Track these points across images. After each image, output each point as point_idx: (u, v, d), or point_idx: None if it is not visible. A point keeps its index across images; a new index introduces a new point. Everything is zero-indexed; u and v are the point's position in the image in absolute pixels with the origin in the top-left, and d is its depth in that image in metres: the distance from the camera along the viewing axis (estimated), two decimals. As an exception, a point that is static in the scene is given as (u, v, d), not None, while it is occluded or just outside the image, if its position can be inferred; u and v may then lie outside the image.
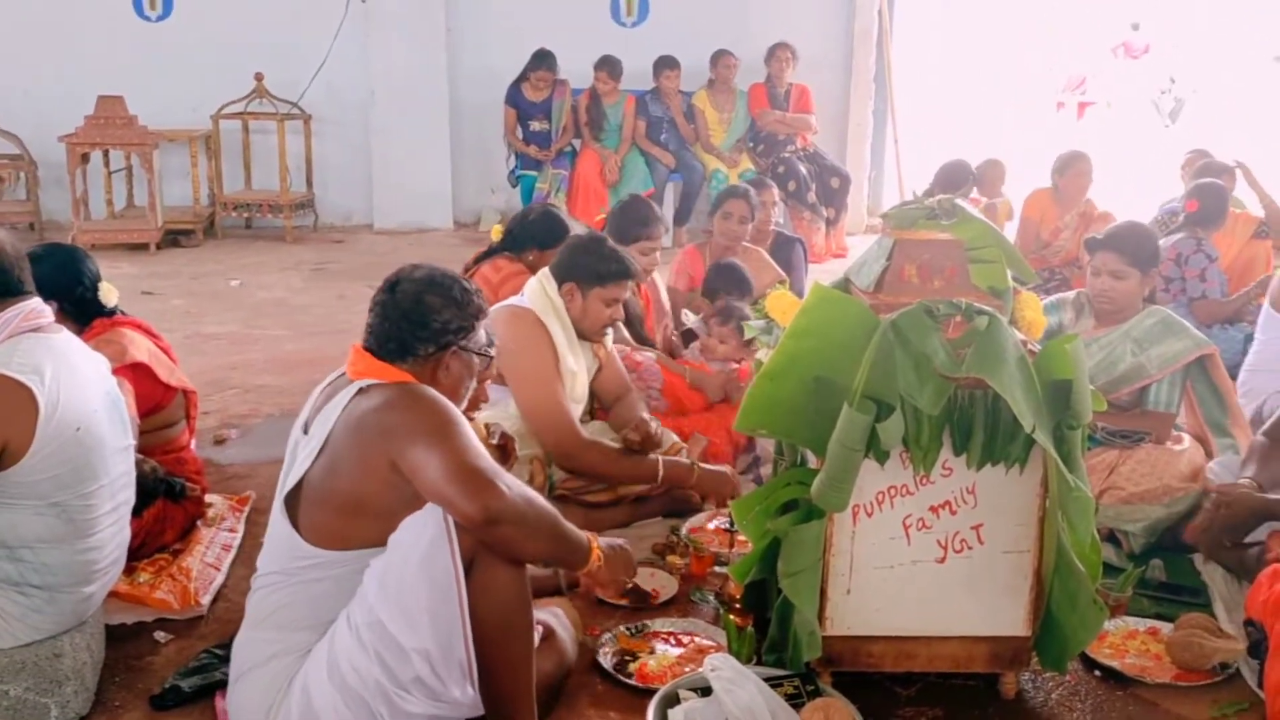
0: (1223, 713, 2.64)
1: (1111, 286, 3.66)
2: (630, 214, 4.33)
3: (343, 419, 2.20)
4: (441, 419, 2.15)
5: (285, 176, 8.32)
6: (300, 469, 2.23)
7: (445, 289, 2.35)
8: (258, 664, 2.23)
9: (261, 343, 5.72)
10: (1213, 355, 3.68)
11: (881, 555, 2.57)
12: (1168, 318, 3.68)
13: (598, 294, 3.46)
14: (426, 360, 2.32)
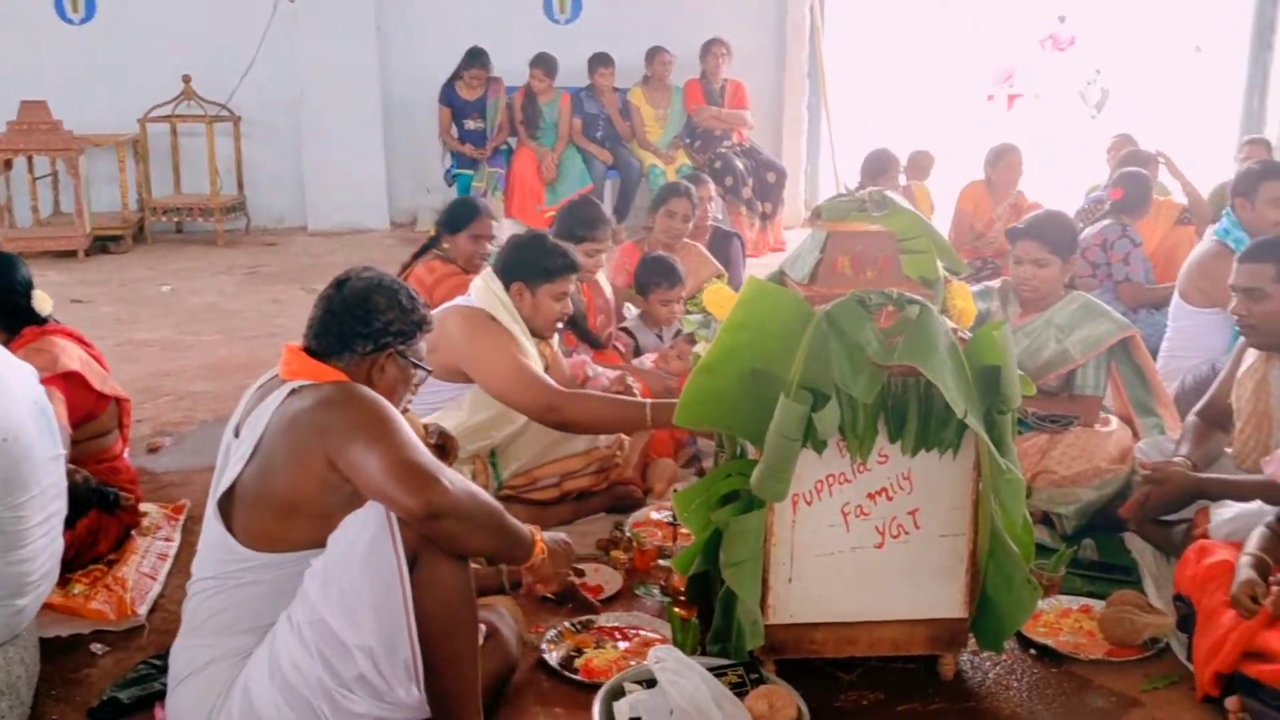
0: (1154, 686, 2.71)
1: (1034, 274, 3.75)
2: (577, 215, 4.34)
3: (275, 420, 2.18)
4: (379, 416, 2.14)
5: (215, 179, 8.20)
6: (233, 472, 2.21)
7: (393, 292, 2.36)
8: (196, 670, 2.20)
9: (194, 349, 5.64)
10: (1134, 337, 3.78)
11: (821, 543, 2.60)
12: (1089, 303, 3.77)
13: (546, 290, 3.47)
14: (363, 359, 2.31)
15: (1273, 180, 4.28)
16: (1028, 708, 2.64)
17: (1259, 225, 4.20)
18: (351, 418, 2.14)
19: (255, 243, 8.31)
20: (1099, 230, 5.55)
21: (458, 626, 2.17)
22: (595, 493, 3.67)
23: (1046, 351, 3.69)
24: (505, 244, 3.73)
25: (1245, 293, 3.15)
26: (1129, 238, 5.44)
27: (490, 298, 3.46)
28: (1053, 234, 3.75)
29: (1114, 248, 5.44)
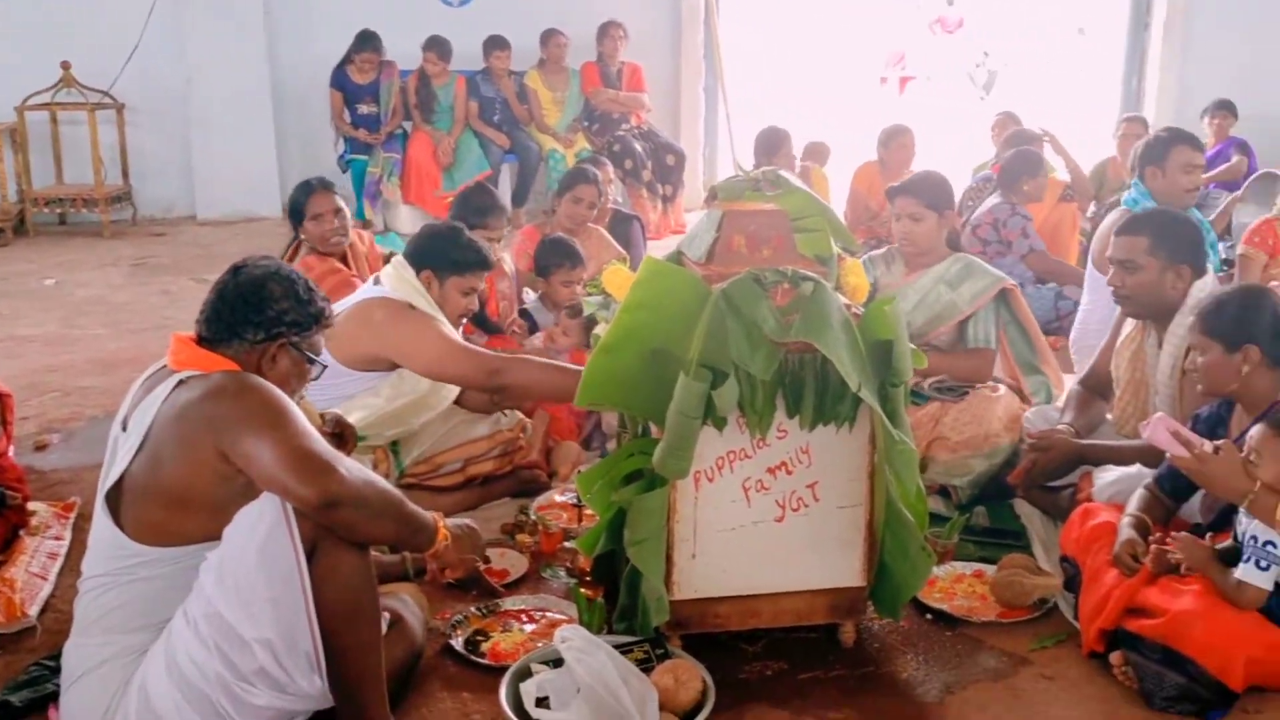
0: (1042, 645, 2.81)
1: (911, 229, 3.89)
2: (470, 202, 4.31)
3: (163, 411, 2.14)
4: (271, 406, 2.12)
5: (99, 169, 7.94)
6: (120, 466, 2.16)
7: (290, 282, 2.32)
8: (90, 669, 2.15)
9: (81, 343, 5.46)
10: (1015, 291, 3.93)
11: (724, 518, 2.65)
12: (971, 261, 3.95)
13: (454, 283, 3.45)
14: (253, 348, 2.27)
15: (1182, 145, 4.32)
16: (925, 670, 2.72)
17: (1170, 192, 4.25)
18: (242, 408, 2.10)
19: (143, 233, 8.07)
20: (988, 209, 5.72)
21: (359, 615, 2.15)
22: (499, 477, 3.67)
23: (937, 305, 3.84)
24: (419, 231, 3.71)
25: (1120, 264, 3.27)
26: (1020, 215, 5.61)
27: (405, 286, 3.43)
28: (927, 190, 3.90)
29: (1007, 225, 5.60)
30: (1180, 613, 2.52)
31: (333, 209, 4.33)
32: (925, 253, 3.91)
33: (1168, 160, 4.30)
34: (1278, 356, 2.77)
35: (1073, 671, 2.70)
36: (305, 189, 4.40)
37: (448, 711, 2.53)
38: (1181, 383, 3.19)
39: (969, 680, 2.67)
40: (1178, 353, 3.17)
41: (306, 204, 4.35)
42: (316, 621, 2.06)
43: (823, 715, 2.54)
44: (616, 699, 2.25)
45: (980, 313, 3.82)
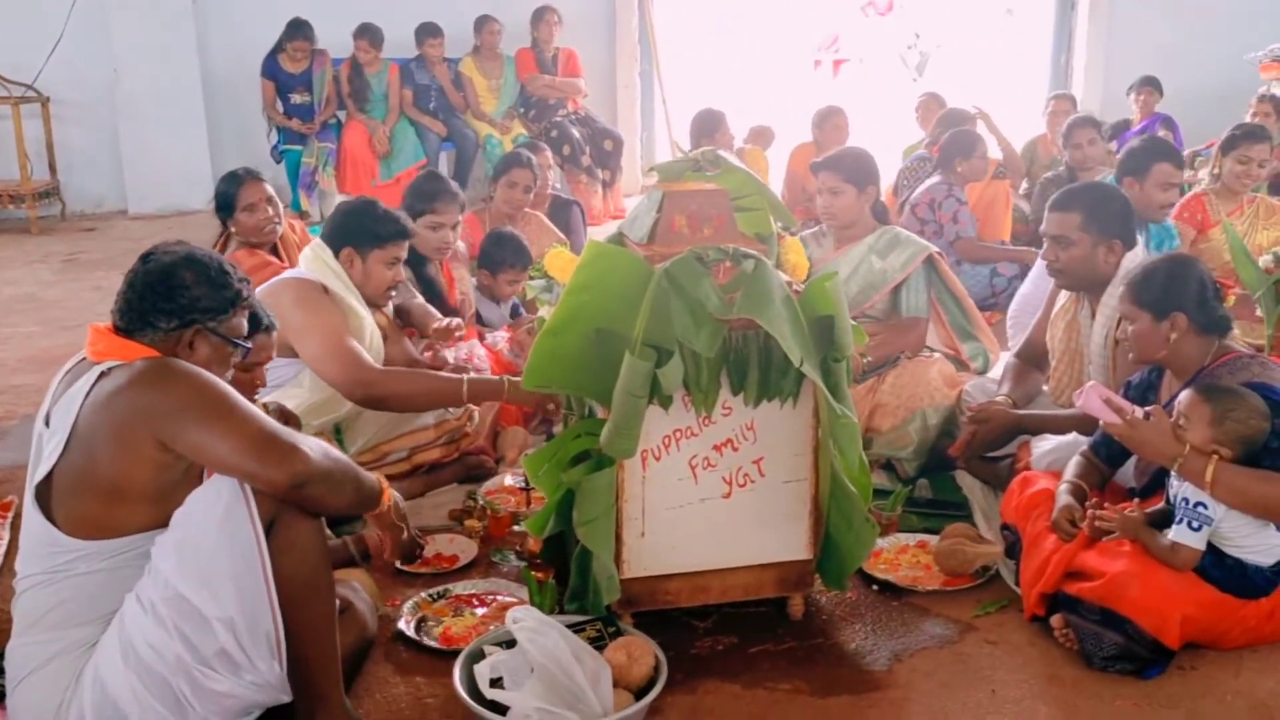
0: (986, 610, 2.87)
1: (831, 202, 3.98)
2: (418, 188, 4.19)
3: (89, 404, 2.10)
4: (208, 392, 2.09)
5: (25, 164, 7.78)
6: (48, 463, 2.12)
7: (203, 266, 2.25)
8: (38, 666, 2.12)
9: (12, 341, 5.35)
10: (939, 258, 4.04)
11: (671, 496, 2.67)
12: (899, 232, 4.05)
13: (376, 256, 3.41)
14: (168, 336, 2.21)
15: (1163, 162, 4.30)
16: (873, 639, 2.77)
17: (1144, 205, 4.23)
18: (178, 396, 2.07)
19: (72, 229, 7.92)
20: (926, 189, 5.79)
21: (316, 589, 2.15)
22: (446, 464, 3.66)
23: (869, 275, 3.93)
24: (334, 210, 3.67)
25: (1053, 240, 3.34)
26: (955, 197, 5.69)
27: (321, 267, 3.40)
28: (847, 164, 3.98)
29: (941, 207, 5.68)
30: (1117, 574, 2.59)
31: (264, 198, 4.25)
32: (848, 226, 4.00)
33: (1148, 175, 4.28)
34: (1204, 324, 2.84)
35: (1015, 636, 2.76)
36: (234, 180, 4.31)
37: (401, 696, 2.53)
38: (1114, 352, 3.27)
39: (916, 647, 2.72)
40: (1110, 323, 3.25)
41: (237, 195, 4.24)
42: (277, 600, 2.05)
43: (774, 687, 2.58)
44: (570, 677, 2.27)
45: (912, 280, 3.92)
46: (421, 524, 3.27)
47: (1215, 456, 2.58)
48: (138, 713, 2.05)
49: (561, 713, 2.24)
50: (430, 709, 2.49)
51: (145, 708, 2.05)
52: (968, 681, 2.58)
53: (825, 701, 2.52)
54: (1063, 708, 2.49)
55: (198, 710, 2.07)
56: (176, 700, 2.06)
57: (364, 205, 3.55)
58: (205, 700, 2.07)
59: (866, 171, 4.01)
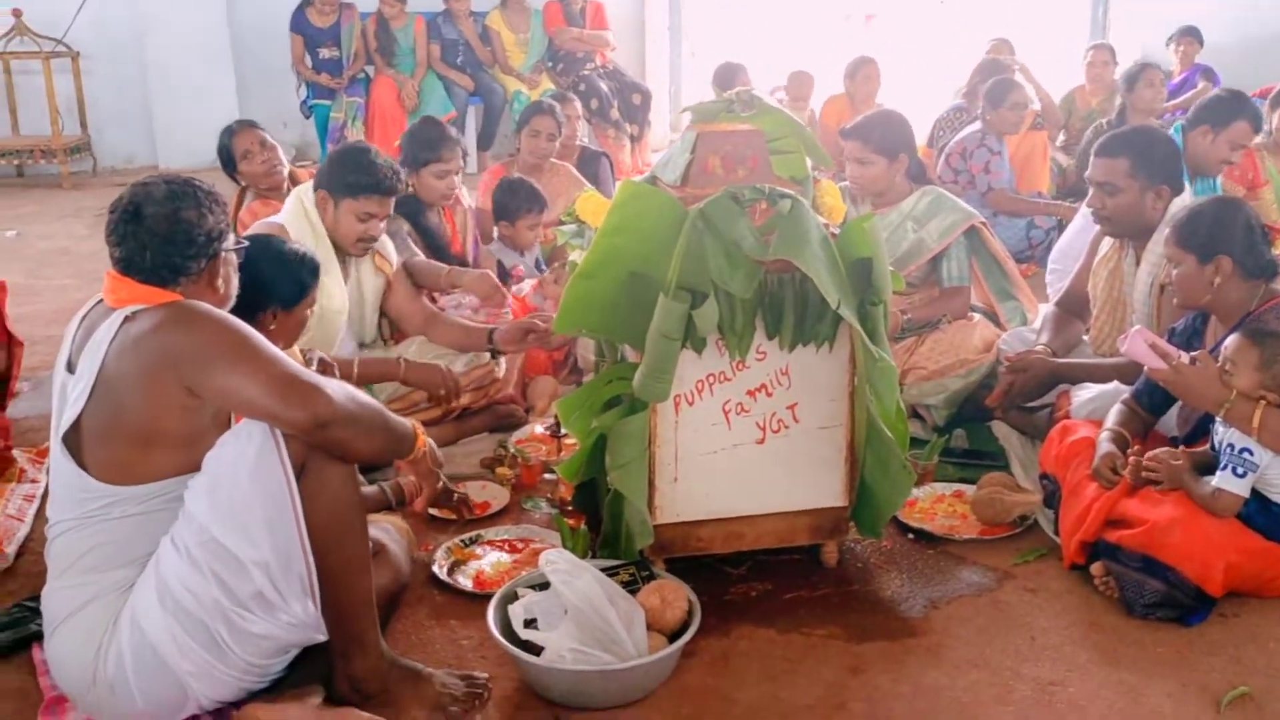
0: (1024, 559, 2.84)
1: (860, 173, 3.82)
2: (418, 138, 4.13)
3: (114, 350, 2.07)
4: (235, 335, 2.07)
5: (56, 119, 7.79)
6: (75, 408, 2.10)
7: (193, 197, 2.18)
8: (75, 609, 2.12)
9: (47, 293, 5.38)
10: (983, 228, 3.90)
11: (704, 442, 2.64)
12: (940, 195, 3.88)
13: (348, 206, 3.35)
14: (200, 275, 2.19)
15: (1245, 120, 4.21)
16: (908, 587, 2.74)
17: (1208, 155, 4.16)
18: (205, 340, 2.05)
19: (104, 184, 7.93)
20: (959, 139, 5.70)
21: (348, 532, 2.14)
22: (476, 411, 3.65)
23: (905, 243, 3.79)
24: None
25: (1100, 186, 3.27)
26: (986, 146, 5.59)
27: (297, 211, 3.38)
28: (876, 134, 3.79)
29: (972, 157, 5.58)
30: (1159, 521, 2.55)
31: (258, 142, 4.26)
32: (880, 194, 3.84)
33: (1226, 129, 4.18)
34: (1251, 268, 2.78)
35: (1055, 584, 2.73)
36: (226, 133, 4.34)
37: (435, 638, 2.53)
38: (1159, 300, 3.21)
39: (953, 595, 2.70)
40: (1155, 270, 3.18)
41: (232, 146, 4.28)
42: (309, 541, 2.05)
43: (809, 632, 2.56)
44: (604, 619, 2.26)
45: (951, 249, 3.79)
46: (453, 471, 3.26)
47: (1263, 401, 2.52)
48: (177, 655, 2.05)
49: (596, 654, 2.24)
50: (465, 650, 2.49)
51: (184, 649, 2.05)
52: (1006, 628, 2.55)
53: (860, 647, 2.50)
54: (1103, 654, 2.46)
55: (235, 652, 2.07)
56: (214, 642, 2.06)
57: (352, 153, 3.45)
58: (243, 641, 2.07)
59: (896, 139, 3.81)
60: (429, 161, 4.01)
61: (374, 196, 3.37)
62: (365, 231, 3.40)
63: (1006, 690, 2.35)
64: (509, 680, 2.36)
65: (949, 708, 2.30)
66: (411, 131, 4.27)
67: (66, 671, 2.13)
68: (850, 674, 2.41)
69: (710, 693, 2.35)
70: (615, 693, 2.29)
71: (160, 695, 2.09)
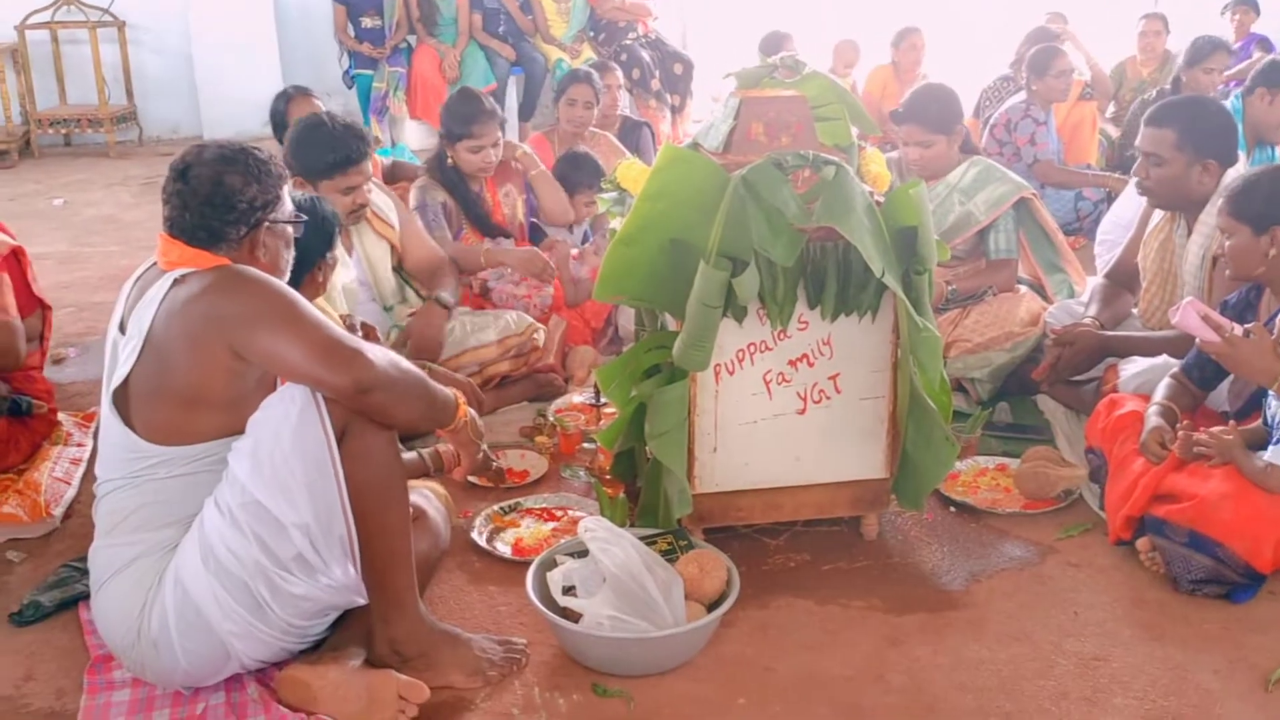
0: (1068, 534, 2.80)
1: (922, 155, 3.76)
2: (453, 111, 4.07)
3: (163, 312, 2.09)
4: (280, 300, 2.07)
5: (103, 89, 7.85)
6: (124, 369, 2.12)
7: (241, 164, 2.17)
8: (120, 568, 2.14)
9: (93, 260, 5.44)
10: (1034, 199, 3.83)
11: (744, 411, 2.62)
12: (988, 166, 3.81)
13: (326, 186, 3.31)
14: (240, 243, 2.19)
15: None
16: (950, 560, 2.71)
17: (1266, 119, 4.09)
18: (250, 304, 2.06)
19: (149, 153, 7.99)
20: (1004, 109, 5.61)
21: (389, 497, 2.15)
22: (516, 380, 3.65)
23: (952, 216, 3.73)
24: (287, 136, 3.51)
25: (1146, 157, 3.19)
26: (1031, 118, 5.48)
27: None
28: (933, 114, 3.73)
29: (1017, 129, 5.48)
30: (1209, 496, 2.50)
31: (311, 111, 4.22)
32: (938, 172, 3.80)
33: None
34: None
35: (1099, 559, 2.69)
36: (281, 98, 4.31)
37: (474, 603, 2.54)
38: (1211, 273, 3.14)
39: (994, 569, 2.67)
40: (1208, 243, 3.11)
41: (286, 112, 4.25)
42: (349, 505, 2.05)
43: (847, 604, 2.54)
44: (642, 587, 2.25)
45: (1000, 222, 3.72)
46: (492, 440, 3.26)
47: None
48: (219, 615, 2.08)
49: (634, 621, 2.23)
50: (503, 616, 2.50)
51: (226, 609, 2.07)
52: (1049, 603, 2.52)
53: (900, 619, 2.48)
54: (1148, 630, 2.42)
55: (276, 612, 2.10)
56: (256, 603, 2.08)
57: (309, 132, 3.37)
58: (284, 603, 2.09)
59: (950, 114, 3.77)
60: (463, 137, 3.98)
61: (347, 170, 3.33)
62: (353, 202, 3.37)
63: (1048, 665, 2.32)
64: (546, 646, 2.37)
65: (989, 680, 2.27)
66: (448, 105, 4.20)
67: (111, 628, 2.16)
68: (889, 645, 2.39)
69: (748, 662, 2.34)
70: (652, 660, 2.28)
71: (202, 654, 2.11)
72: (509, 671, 2.29)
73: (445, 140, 4.01)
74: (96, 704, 2.22)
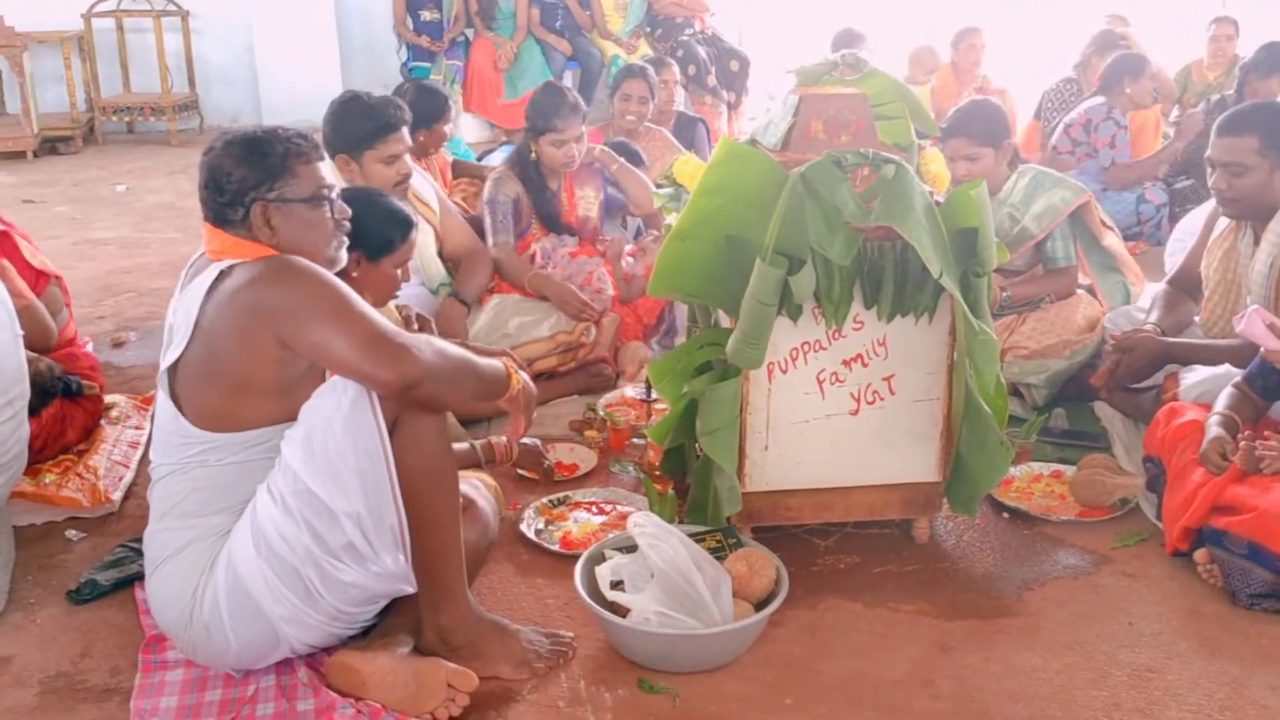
0: (1124, 543, 2.75)
1: (969, 169, 3.66)
2: (536, 105, 4.02)
3: (211, 302, 2.10)
4: (328, 292, 2.07)
5: (166, 77, 7.98)
6: (173, 354, 2.15)
7: (235, 148, 2.17)
8: (174, 552, 2.17)
9: (154, 246, 5.53)
10: (1088, 205, 3.75)
11: (797, 410, 2.61)
12: (1038, 174, 3.72)
13: (370, 157, 3.29)
14: (242, 225, 2.17)
15: None
16: (1002, 566, 2.68)
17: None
18: (298, 296, 2.06)
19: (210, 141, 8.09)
20: (1085, 109, 5.51)
21: (440, 486, 2.15)
22: (566, 373, 3.66)
23: (1005, 233, 3.64)
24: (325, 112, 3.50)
25: (1225, 167, 3.10)
26: (1114, 119, 5.39)
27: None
28: (980, 127, 3.65)
29: (1098, 130, 5.39)
30: (1270, 508, 2.44)
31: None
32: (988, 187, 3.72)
33: None
34: (1381, 248, 2.64)
35: (1155, 570, 2.64)
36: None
37: (522, 595, 2.55)
38: (1277, 282, 3.07)
39: (1048, 577, 2.63)
40: (1276, 252, 3.04)
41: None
42: (400, 494, 2.06)
43: (896, 608, 2.52)
44: (690, 584, 2.25)
45: (1055, 230, 3.64)
46: (542, 432, 3.28)
47: (1388, 389, 2.40)
48: (270, 600, 2.10)
49: (681, 618, 2.23)
50: (551, 608, 2.50)
51: (277, 595, 2.10)
52: (1103, 613, 2.48)
53: (950, 624, 2.45)
54: (1204, 643, 2.38)
55: (326, 599, 2.11)
56: (306, 589, 2.10)
57: (346, 105, 3.37)
58: (333, 590, 2.11)
59: (999, 126, 3.69)
60: (544, 130, 3.90)
61: (390, 137, 3.31)
62: (397, 173, 3.35)
63: (1101, 675, 2.28)
64: (593, 640, 2.37)
65: (1041, 690, 2.24)
66: (533, 99, 4.11)
67: (164, 611, 2.19)
68: (939, 651, 2.37)
69: (796, 663, 2.33)
70: (699, 658, 2.28)
71: (253, 638, 2.14)
72: (555, 664, 2.29)
73: (529, 134, 3.95)
74: (151, 682, 2.25)
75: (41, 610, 2.51)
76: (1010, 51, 8.21)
